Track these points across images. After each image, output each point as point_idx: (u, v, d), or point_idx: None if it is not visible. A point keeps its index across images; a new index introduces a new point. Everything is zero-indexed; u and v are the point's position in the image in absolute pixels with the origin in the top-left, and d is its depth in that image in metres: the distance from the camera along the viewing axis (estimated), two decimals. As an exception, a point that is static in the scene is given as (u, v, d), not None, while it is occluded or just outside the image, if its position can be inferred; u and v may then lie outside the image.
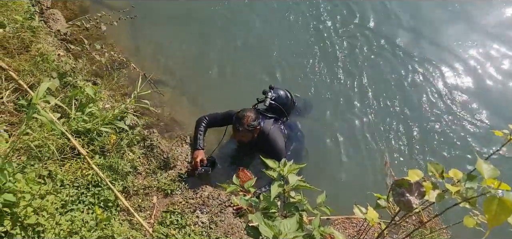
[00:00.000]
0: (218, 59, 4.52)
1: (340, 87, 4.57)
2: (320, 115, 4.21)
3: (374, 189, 2.03)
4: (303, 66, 4.71)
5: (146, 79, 3.89)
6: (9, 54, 3.36)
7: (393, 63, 4.92)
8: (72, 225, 2.47)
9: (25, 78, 3.20)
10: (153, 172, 3.14)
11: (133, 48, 4.43)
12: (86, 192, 2.74)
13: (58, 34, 4.02)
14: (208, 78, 4.31)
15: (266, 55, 4.74)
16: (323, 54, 4.85)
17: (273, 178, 2.06)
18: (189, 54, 4.53)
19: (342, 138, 4.08)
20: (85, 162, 2.88)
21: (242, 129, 3.17)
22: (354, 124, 4.25)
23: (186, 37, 4.69)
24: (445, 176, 1.42)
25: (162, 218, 2.82)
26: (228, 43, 4.77)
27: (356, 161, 3.92)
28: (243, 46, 4.77)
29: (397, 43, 5.13)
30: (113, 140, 3.09)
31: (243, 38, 4.87)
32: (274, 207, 2.00)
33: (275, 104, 3.48)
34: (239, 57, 4.63)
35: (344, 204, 3.26)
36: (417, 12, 5.63)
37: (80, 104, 3.19)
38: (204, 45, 4.66)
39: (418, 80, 4.78)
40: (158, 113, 3.72)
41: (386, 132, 4.21)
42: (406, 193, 1.39)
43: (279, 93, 3.56)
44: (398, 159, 3.98)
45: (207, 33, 4.80)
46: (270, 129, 3.35)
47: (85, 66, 3.74)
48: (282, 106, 3.52)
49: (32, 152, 2.71)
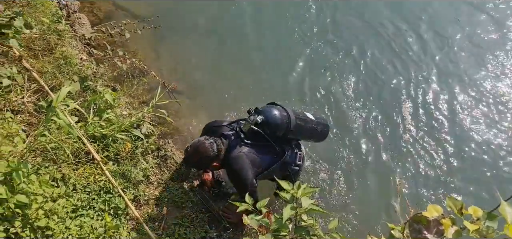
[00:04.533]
0: (238, 73, 4.52)
1: (358, 105, 4.52)
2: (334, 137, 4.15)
3: (385, 217, 1.96)
4: (326, 81, 4.70)
5: (166, 89, 3.90)
6: (34, 55, 3.43)
7: (410, 80, 4.87)
8: (81, 231, 2.47)
9: (47, 80, 3.26)
10: (165, 183, 3.12)
11: (155, 57, 4.46)
12: (97, 198, 2.74)
13: (82, 39, 4.10)
14: (227, 92, 4.29)
15: (289, 69, 4.73)
16: (343, 68, 4.85)
17: (285, 200, 2.02)
18: (209, 67, 4.53)
19: (353, 159, 4.02)
20: (99, 167, 2.89)
21: (191, 162, 2.89)
22: (365, 145, 4.18)
23: (208, 50, 4.71)
24: (464, 212, 1.35)
25: (171, 230, 2.79)
26: (249, 57, 4.77)
27: (365, 185, 3.84)
28: (264, 61, 4.75)
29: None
30: (128, 147, 3.10)
31: (264, 52, 4.86)
32: (285, 230, 1.95)
33: (257, 129, 2.84)
34: (260, 71, 4.62)
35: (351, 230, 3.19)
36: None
37: (98, 109, 3.21)
38: (225, 59, 4.67)
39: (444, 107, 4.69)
40: (174, 124, 3.71)
41: (400, 156, 4.13)
42: (424, 231, 1.33)
43: (270, 114, 2.87)
44: (412, 187, 3.88)
45: (229, 46, 4.82)
46: (235, 156, 2.80)
47: (106, 72, 3.79)
48: (274, 129, 2.87)
49: (47, 154, 2.73)
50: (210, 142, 2.76)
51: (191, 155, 2.75)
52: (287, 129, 2.90)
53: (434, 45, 5.35)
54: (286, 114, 2.91)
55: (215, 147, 2.76)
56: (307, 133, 3.11)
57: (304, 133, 3.08)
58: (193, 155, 2.74)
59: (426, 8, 5.81)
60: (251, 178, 2.76)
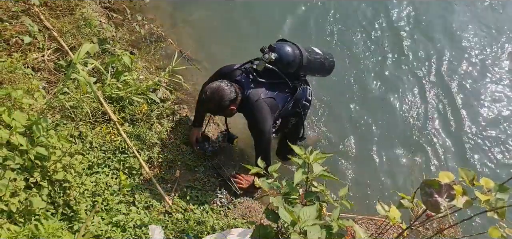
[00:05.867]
0: (256, 45, 4.49)
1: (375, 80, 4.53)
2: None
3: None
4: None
5: (182, 55, 3.92)
6: (54, 15, 3.48)
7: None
8: (96, 187, 2.54)
9: (67, 40, 3.31)
10: (179, 147, 3.17)
11: (173, 24, 4.48)
12: (112, 157, 2.80)
13: (102, 2, 4.12)
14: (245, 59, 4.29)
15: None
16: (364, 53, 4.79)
17: (297, 164, 2.04)
18: (228, 37, 4.53)
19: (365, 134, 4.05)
20: (115, 128, 2.95)
21: (211, 107, 2.79)
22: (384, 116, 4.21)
23: (227, 20, 4.70)
24: (475, 183, 1.35)
25: (183, 193, 2.86)
26: (270, 29, 4.75)
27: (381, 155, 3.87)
28: (286, 34, 4.72)
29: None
30: (143, 110, 3.15)
31: (287, 26, 4.83)
32: (295, 194, 1.98)
33: (271, 67, 2.87)
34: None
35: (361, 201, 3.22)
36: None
37: (116, 71, 3.26)
38: (244, 30, 4.65)
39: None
40: (189, 91, 3.74)
41: (418, 131, 4.16)
42: (435, 194, 1.34)
43: (283, 51, 2.89)
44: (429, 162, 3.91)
45: (250, 18, 4.79)
46: (256, 101, 2.80)
47: (124, 36, 3.82)
48: (286, 65, 2.91)
49: (66, 111, 2.80)
50: (228, 85, 2.74)
51: (210, 99, 2.71)
52: (300, 64, 2.94)
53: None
54: (298, 50, 2.94)
55: (233, 90, 2.75)
56: (317, 67, 3.13)
57: (314, 67, 3.11)
58: (211, 98, 2.70)
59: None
60: (270, 126, 2.81)
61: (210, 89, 2.71)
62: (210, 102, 2.72)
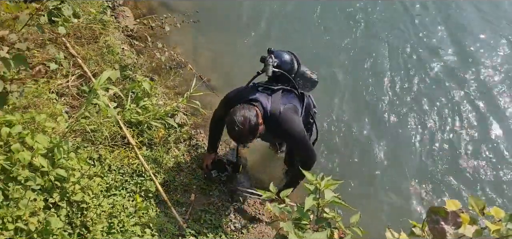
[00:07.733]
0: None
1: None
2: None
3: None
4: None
5: (201, 81, 4.01)
6: (80, 43, 3.64)
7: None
8: (113, 209, 2.60)
9: (90, 67, 3.45)
10: (195, 171, 3.21)
11: (192, 50, 4.60)
12: (129, 180, 2.87)
13: (125, 30, 4.30)
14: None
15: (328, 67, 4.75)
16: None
17: (308, 191, 2.04)
18: (245, 64, 4.61)
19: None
20: (133, 151, 3.03)
21: (245, 136, 2.54)
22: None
23: (244, 46, 4.79)
24: (485, 213, 1.33)
25: (198, 216, 2.88)
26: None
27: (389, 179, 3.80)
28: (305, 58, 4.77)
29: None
30: (161, 134, 3.23)
31: (303, 49, 4.88)
32: (306, 219, 1.98)
33: (280, 71, 2.78)
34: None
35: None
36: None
37: (136, 97, 3.36)
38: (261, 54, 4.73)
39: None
40: (207, 116, 3.81)
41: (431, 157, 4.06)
42: (441, 221, 1.32)
43: (282, 58, 2.85)
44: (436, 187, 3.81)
45: (266, 44, 4.85)
46: (281, 110, 2.65)
47: (145, 62, 3.96)
48: (289, 70, 2.84)
49: (86, 135, 2.90)
50: (245, 107, 2.56)
51: (243, 129, 2.47)
52: (297, 70, 2.94)
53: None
54: (292, 55, 2.94)
55: (251, 107, 2.59)
56: (307, 77, 3.08)
57: (305, 76, 3.06)
58: (243, 128, 2.47)
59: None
60: (300, 124, 2.71)
61: (237, 122, 2.47)
62: (245, 133, 2.50)
